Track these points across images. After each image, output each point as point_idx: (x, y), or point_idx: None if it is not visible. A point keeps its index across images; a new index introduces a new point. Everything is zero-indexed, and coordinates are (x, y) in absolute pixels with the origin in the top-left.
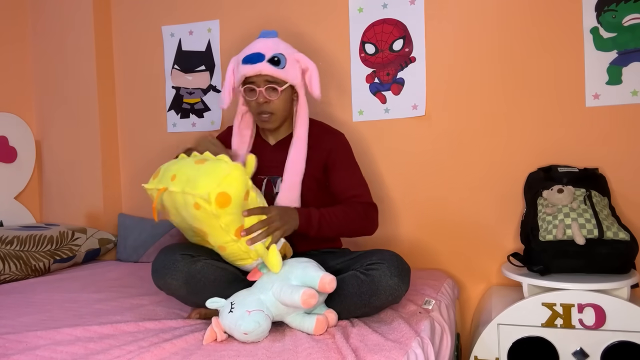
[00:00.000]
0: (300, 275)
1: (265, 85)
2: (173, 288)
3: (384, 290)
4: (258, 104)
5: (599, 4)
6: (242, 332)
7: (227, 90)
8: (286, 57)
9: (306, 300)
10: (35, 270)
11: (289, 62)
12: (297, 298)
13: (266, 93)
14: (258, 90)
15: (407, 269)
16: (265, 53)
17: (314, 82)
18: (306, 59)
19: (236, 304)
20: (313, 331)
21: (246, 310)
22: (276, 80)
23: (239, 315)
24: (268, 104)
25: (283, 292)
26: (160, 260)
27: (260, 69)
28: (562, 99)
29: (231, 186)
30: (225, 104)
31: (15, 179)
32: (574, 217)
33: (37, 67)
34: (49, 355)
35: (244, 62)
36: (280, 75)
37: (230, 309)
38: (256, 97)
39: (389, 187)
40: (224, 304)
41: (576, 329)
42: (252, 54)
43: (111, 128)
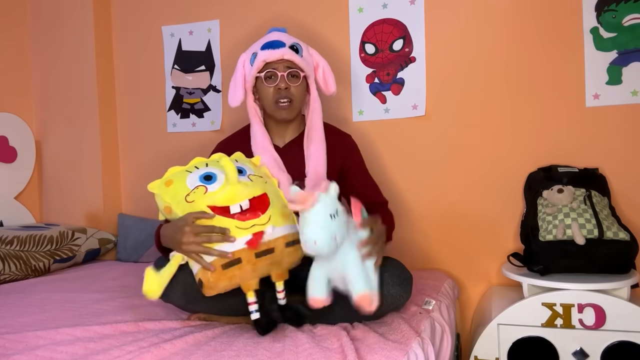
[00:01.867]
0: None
1: (286, 71)
2: (171, 299)
3: (385, 299)
4: (277, 90)
5: (599, 4)
6: (316, 233)
7: (239, 86)
8: (303, 48)
9: (361, 301)
10: (35, 270)
11: (305, 53)
12: (360, 290)
13: (287, 78)
14: (280, 74)
15: (409, 278)
16: (285, 41)
17: (329, 78)
18: (318, 55)
19: (337, 220)
20: (358, 296)
21: (335, 234)
22: (297, 67)
23: (328, 230)
24: (288, 90)
25: (359, 267)
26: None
27: (282, 53)
28: (562, 99)
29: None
30: (238, 100)
31: (15, 179)
32: (574, 217)
33: (37, 67)
34: (49, 355)
35: (263, 48)
36: (301, 63)
37: (335, 214)
38: (277, 83)
39: (389, 187)
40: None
41: (576, 329)
42: (272, 41)
43: (111, 128)
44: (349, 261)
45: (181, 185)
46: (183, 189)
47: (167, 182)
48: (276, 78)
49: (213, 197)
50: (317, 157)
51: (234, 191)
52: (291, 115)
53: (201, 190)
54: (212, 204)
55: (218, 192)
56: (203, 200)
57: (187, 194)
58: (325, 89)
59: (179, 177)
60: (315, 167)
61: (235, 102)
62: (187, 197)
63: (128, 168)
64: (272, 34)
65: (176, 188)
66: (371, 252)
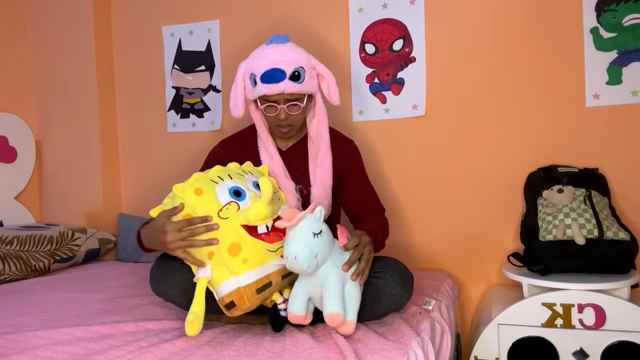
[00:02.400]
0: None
1: (286, 103)
2: (172, 297)
3: (387, 299)
4: (278, 119)
5: (599, 4)
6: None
7: (239, 99)
8: (305, 69)
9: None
10: (35, 270)
11: (307, 72)
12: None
13: (288, 109)
14: (279, 107)
15: (410, 278)
16: (285, 69)
17: (332, 90)
18: (321, 66)
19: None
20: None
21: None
22: (297, 97)
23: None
24: (288, 119)
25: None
26: (158, 269)
27: (282, 89)
28: (562, 99)
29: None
30: (239, 114)
31: (15, 179)
32: (574, 217)
33: (37, 67)
34: (49, 355)
35: (262, 81)
36: (302, 90)
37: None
38: (277, 114)
39: (389, 187)
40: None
41: (576, 329)
42: (271, 70)
43: (111, 128)
44: (328, 281)
45: (212, 197)
46: (214, 202)
47: (196, 190)
48: (276, 109)
49: (246, 215)
50: (324, 167)
51: (264, 211)
52: (291, 134)
53: (234, 207)
54: (245, 222)
55: (250, 210)
56: (237, 218)
57: (220, 209)
58: (329, 100)
59: (208, 188)
60: (322, 177)
61: (237, 114)
62: (220, 212)
63: (128, 168)
64: (272, 51)
65: (207, 199)
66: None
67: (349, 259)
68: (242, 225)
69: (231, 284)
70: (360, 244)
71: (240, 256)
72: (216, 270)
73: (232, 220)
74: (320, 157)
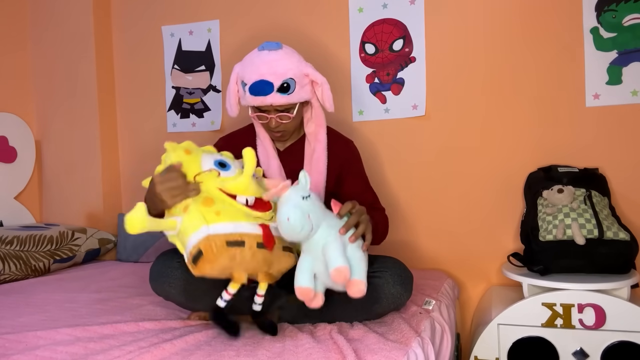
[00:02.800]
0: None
1: (276, 113)
2: (171, 296)
3: (386, 298)
4: (269, 127)
5: (599, 4)
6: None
7: (232, 100)
8: (295, 80)
9: (336, 276)
10: (35, 270)
11: (299, 82)
12: (335, 264)
13: (278, 119)
14: (269, 117)
15: (409, 277)
16: (273, 82)
17: (326, 97)
18: (315, 72)
19: (309, 202)
20: (333, 270)
21: (309, 214)
22: (287, 107)
23: (300, 210)
24: (279, 126)
25: (335, 246)
26: (157, 267)
27: (270, 102)
28: (562, 99)
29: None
30: (234, 113)
31: (15, 179)
32: (574, 217)
33: (37, 67)
34: (48, 355)
35: (251, 92)
36: (291, 100)
37: (306, 197)
38: (267, 122)
39: (389, 187)
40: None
41: (576, 329)
42: (259, 82)
43: (111, 128)
44: (328, 242)
45: (196, 160)
46: (195, 166)
47: (186, 150)
48: (267, 118)
49: (224, 182)
50: (318, 170)
51: (245, 183)
52: (285, 138)
53: (214, 174)
54: (221, 187)
55: (230, 180)
56: (213, 183)
57: (198, 173)
58: (323, 107)
59: (196, 153)
60: (315, 180)
61: (232, 114)
62: (196, 176)
63: (128, 168)
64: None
65: (191, 160)
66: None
67: (345, 223)
68: (218, 188)
69: (201, 232)
70: (355, 211)
71: (213, 208)
72: (187, 221)
73: (207, 183)
74: (315, 158)
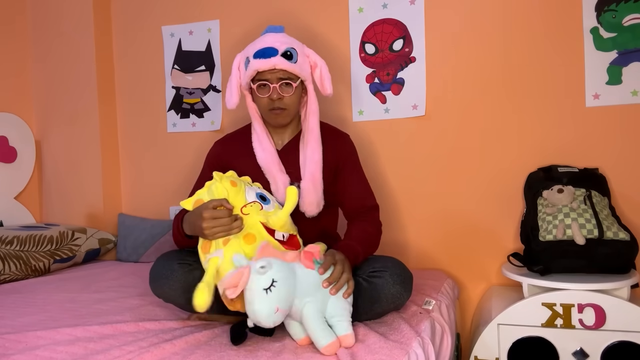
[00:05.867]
0: (332, 312)
1: (278, 82)
2: (171, 297)
3: (386, 298)
4: (271, 100)
5: (599, 4)
6: (254, 310)
7: (234, 89)
8: (297, 52)
9: (329, 350)
10: (35, 270)
11: (300, 56)
12: (321, 344)
13: (280, 89)
14: (272, 86)
15: (409, 277)
16: (277, 47)
17: (325, 79)
18: (315, 54)
19: (275, 291)
20: (322, 349)
21: (276, 306)
22: (290, 76)
23: (266, 304)
24: (281, 100)
25: (313, 321)
26: (157, 269)
27: (274, 63)
28: (562, 99)
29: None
30: (234, 103)
31: (15, 179)
32: (574, 217)
33: (37, 67)
34: (49, 355)
35: (255, 57)
36: (294, 69)
37: (270, 287)
38: (269, 94)
39: (389, 187)
40: (265, 271)
41: (576, 329)
42: (264, 48)
43: (111, 128)
44: (304, 315)
45: (241, 193)
46: (241, 198)
47: (232, 182)
48: (269, 89)
49: (267, 216)
50: (313, 161)
51: (284, 220)
52: (285, 121)
53: (257, 207)
54: (264, 222)
55: (272, 214)
56: (257, 216)
57: (244, 204)
58: (321, 90)
59: (240, 185)
60: (311, 170)
61: (231, 104)
62: (243, 208)
63: (128, 168)
64: (266, 36)
65: (238, 192)
66: (337, 287)
67: (327, 279)
68: (261, 222)
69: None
70: (336, 261)
71: (254, 245)
72: (228, 256)
73: (253, 216)
74: (310, 150)
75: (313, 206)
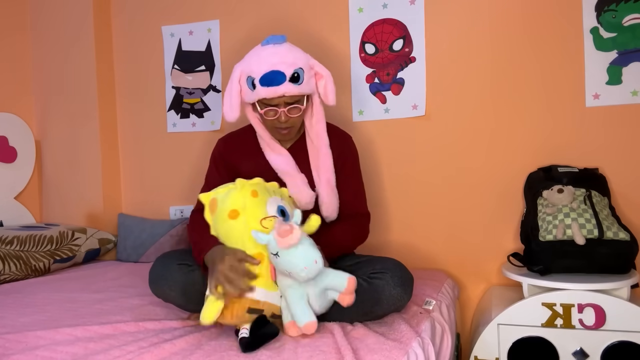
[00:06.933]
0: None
1: (286, 107)
2: (171, 298)
3: (386, 300)
4: (278, 122)
5: (599, 4)
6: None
7: (234, 103)
8: (304, 70)
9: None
10: (35, 270)
11: (306, 73)
12: (343, 282)
13: (288, 112)
14: (280, 111)
15: (410, 279)
16: (285, 71)
17: (329, 91)
18: (320, 65)
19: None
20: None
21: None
22: (298, 99)
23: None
24: (287, 121)
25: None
26: (157, 270)
27: (283, 92)
28: (562, 99)
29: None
30: (234, 117)
31: (15, 179)
32: (574, 217)
33: (37, 67)
34: (49, 355)
35: (262, 84)
36: (302, 91)
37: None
38: (277, 117)
39: (389, 187)
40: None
41: (576, 329)
42: (270, 74)
43: (111, 128)
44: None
45: (262, 204)
46: (262, 210)
47: (253, 192)
48: (276, 112)
49: None
50: (327, 167)
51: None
52: (291, 137)
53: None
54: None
55: None
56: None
57: (264, 217)
58: (324, 101)
59: (263, 196)
60: (327, 177)
61: (231, 118)
62: (262, 221)
63: (128, 168)
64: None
65: (258, 204)
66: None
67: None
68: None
69: None
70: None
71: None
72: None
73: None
74: (322, 158)
75: (334, 212)
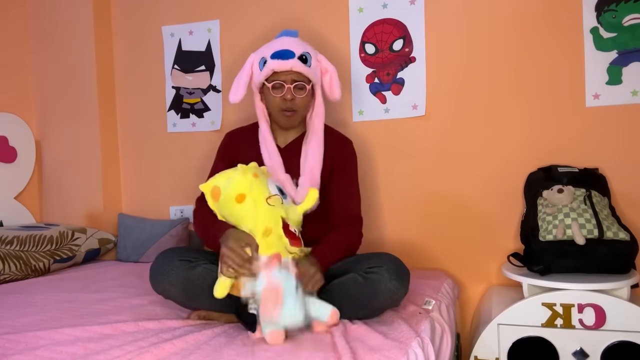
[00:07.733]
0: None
1: (292, 84)
2: (171, 294)
3: (382, 293)
4: (284, 100)
5: (599, 4)
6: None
7: (242, 84)
8: (312, 56)
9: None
10: (35, 270)
11: (314, 61)
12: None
13: (294, 90)
14: (286, 86)
15: (406, 273)
16: (294, 50)
17: (335, 85)
18: (326, 61)
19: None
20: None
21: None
22: (303, 79)
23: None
24: (293, 101)
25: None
26: (158, 265)
27: (291, 65)
28: (562, 99)
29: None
30: (239, 97)
31: (15, 179)
32: (574, 217)
33: (37, 67)
34: (48, 355)
35: (273, 57)
36: (309, 73)
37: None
38: (283, 94)
39: (389, 187)
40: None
41: (576, 329)
42: (282, 50)
43: (111, 128)
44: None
45: (264, 184)
46: (266, 189)
47: (254, 174)
48: (283, 89)
49: (287, 211)
50: (314, 157)
51: (299, 217)
52: (294, 123)
53: (279, 200)
54: (285, 217)
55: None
56: (280, 210)
57: (270, 196)
58: (330, 95)
59: (263, 177)
60: (311, 166)
61: (236, 98)
62: (268, 199)
63: (128, 168)
64: (282, 39)
65: (261, 184)
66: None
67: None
68: (282, 217)
69: None
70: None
71: (267, 239)
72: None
73: (277, 209)
74: (312, 149)
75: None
